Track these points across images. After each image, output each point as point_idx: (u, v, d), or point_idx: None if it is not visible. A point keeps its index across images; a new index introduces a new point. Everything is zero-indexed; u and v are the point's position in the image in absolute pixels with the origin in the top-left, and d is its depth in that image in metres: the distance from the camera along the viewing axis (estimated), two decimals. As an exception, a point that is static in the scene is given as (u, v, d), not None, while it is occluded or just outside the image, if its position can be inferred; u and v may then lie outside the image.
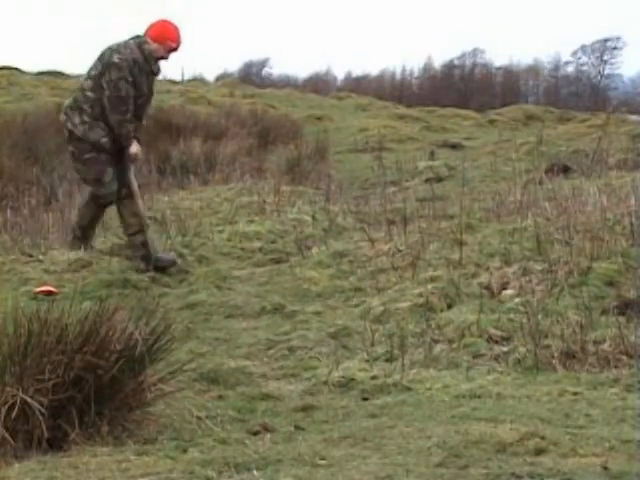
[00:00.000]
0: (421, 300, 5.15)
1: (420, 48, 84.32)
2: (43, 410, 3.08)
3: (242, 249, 7.22)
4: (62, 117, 6.36)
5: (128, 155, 6.30)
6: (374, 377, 4.07)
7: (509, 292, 5.16)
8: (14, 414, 3.08)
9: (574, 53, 50.77)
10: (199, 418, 3.39)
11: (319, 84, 44.89)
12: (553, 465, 2.81)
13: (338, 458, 2.95)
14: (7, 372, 3.16)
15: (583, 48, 49.91)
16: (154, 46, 6.23)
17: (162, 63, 6.41)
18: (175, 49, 6.33)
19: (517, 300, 4.96)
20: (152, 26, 6.31)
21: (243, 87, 28.10)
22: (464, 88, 48.71)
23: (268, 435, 3.31)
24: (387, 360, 4.37)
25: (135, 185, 6.38)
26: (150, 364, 3.38)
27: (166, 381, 3.45)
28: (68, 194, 9.38)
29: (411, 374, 4.07)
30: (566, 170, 9.95)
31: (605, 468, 2.77)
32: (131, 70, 6.17)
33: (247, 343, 4.86)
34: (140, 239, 6.34)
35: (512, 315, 4.72)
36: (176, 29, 6.33)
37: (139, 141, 6.37)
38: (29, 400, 3.09)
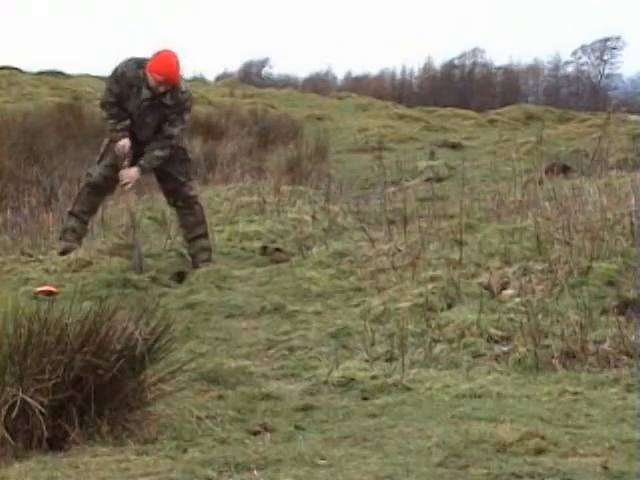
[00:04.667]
0: (421, 300, 5.15)
1: (420, 48, 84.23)
2: (43, 410, 3.08)
3: (242, 249, 7.22)
4: None
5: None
6: (374, 377, 4.07)
7: (509, 292, 5.16)
8: (14, 414, 3.08)
9: (574, 53, 50.72)
10: (199, 418, 3.39)
11: (319, 84, 44.79)
12: (553, 465, 2.81)
13: (338, 458, 2.95)
14: (7, 372, 3.16)
15: (583, 48, 49.87)
16: (147, 72, 6.20)
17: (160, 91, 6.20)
18: (160, 83, 6.15)
19: (517, 300, 4.96)
20: (154, 54, 6.24)
21: (243, 87, 28.05)
22: (464, 88, 48.66)
23: (268, 435, 3.31)
24: (387, 360, 4.37)
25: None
26: (150, 364, 3.38)
27: (166, 381, 3.45)
28: (68, 194, 9.36)
29: (411, 374, 4.07)
30: (566, 170, 9.95)
31: (605, 468, 2.78)
32: (118, 81, 6.31)
33: (247, 343, 4.86)
34: (203, 243, 6.64)
35: (512, 315, 4.72)
36: (165, 65, 6.14)
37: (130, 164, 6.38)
38: (29, 400, 3.09)
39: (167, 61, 6.18)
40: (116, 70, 6.34)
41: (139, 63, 6.27)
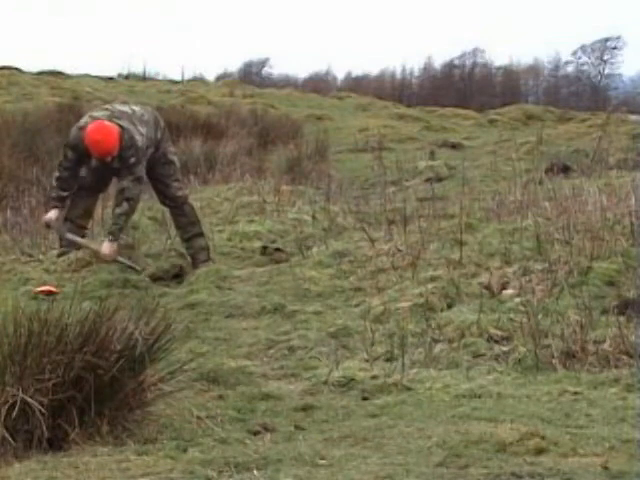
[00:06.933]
0: (421, 300, 5.15)
1: (420, 48, 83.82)
2: (43, 410, 3.08)
3: (242, 249, 7.21)
4: None
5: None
6: (374, 377, 4.07)
7: (509, 292, 5.16)
8: (14, 414, 3.08)
9: (574, 53, 50.57)
10: (199, 418, 3.40)
11: (319, 84, 44.70)
12: (553, 465, 2.81)
13: (338, 458, 2.96)
14: (7, 372, 3.16)
15: (583, 48, 49.75)
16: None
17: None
18: (100, 158, 6.22)
19: (517, 300, 4.96)
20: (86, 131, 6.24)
21: (243, 87, 28.01)
22: (464, 88, 48.59)
23: (268, 435, 3.31)
24: (387, 360, 4.37)
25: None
26: (150, 364, 3.38)
27: (166, 381, 3.45)
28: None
29: (411, 374, 4.07)
30: (566, 170, 9.96)
31: (605, 468, 2.78)
32: (73, 149, 6.34)
33: (247, 343, 4.86)
34: (200, 243, 6.71)
35: (512, 315, 4.72)
36: (95, 145, 6.12)
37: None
38: (29, 400, 3.09)
39: (95, 140, 6.14)
40: (70, 140, 6.39)
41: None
